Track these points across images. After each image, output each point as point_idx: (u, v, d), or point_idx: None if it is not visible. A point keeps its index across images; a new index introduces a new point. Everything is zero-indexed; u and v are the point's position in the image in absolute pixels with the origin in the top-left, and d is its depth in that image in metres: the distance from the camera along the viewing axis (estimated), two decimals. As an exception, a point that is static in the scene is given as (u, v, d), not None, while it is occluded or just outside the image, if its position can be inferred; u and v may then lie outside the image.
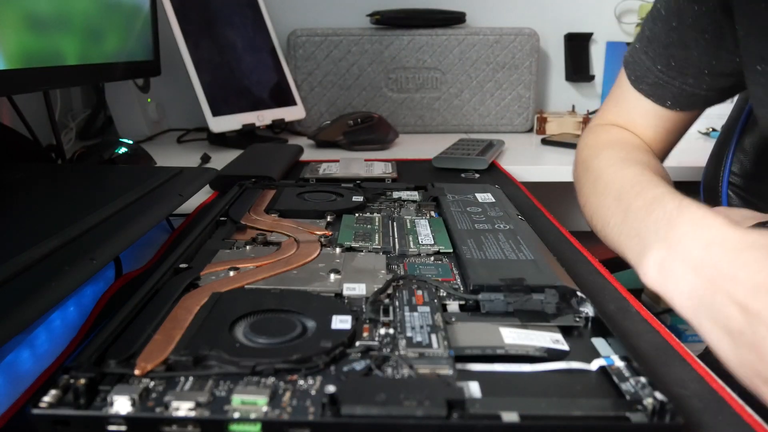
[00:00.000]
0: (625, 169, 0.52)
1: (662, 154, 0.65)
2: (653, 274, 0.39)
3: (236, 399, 0.27)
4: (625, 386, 0.29)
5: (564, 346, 0.33)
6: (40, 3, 0.65)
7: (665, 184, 0.47)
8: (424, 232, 0.50)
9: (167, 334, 0.32)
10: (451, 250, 0.46)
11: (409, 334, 0.33)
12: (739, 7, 0.49)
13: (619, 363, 0.31)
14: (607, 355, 0.32)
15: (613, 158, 0.55)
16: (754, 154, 0.72)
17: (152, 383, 0.28)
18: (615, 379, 0.30)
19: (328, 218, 0.53)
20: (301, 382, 0.29)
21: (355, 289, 0.38)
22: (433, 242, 0.48)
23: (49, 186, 0.59)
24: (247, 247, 0.47)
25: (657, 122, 0.61)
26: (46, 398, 0.26)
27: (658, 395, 0.27)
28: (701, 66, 0.56)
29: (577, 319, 0.36)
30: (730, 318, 0.33)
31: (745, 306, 0.32)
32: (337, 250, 0.46)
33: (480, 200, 0.59)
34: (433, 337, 0.33)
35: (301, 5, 1.32)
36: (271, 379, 0.29)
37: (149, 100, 1.21)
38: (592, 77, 1.38)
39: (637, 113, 0.62)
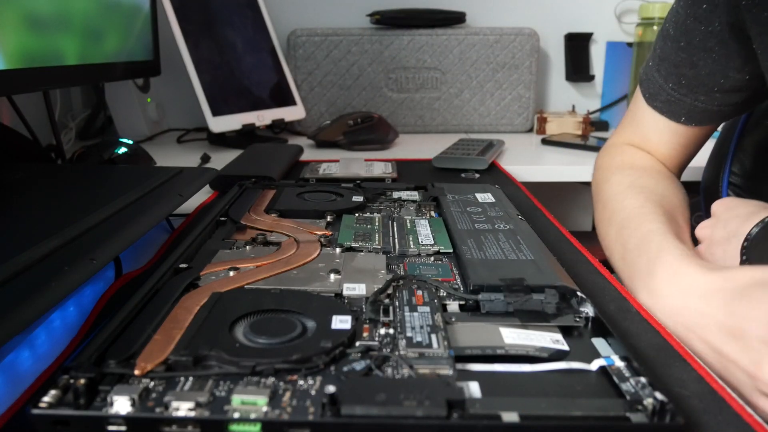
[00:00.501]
0: (628, 199, 0.55)
1: (678, 170, 0.66)
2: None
3: (236, 399, 0.27)
4: (625, 386, 0.29)
5: (564, 346, 0.33)
6: (40, 3, 0.65)
7: (659, 217, 0.50)
8: (424, 232, 0.50)
9: (167, 334, 0.32)
10: (451, 250, 0.46)
11: (409, 334, 0.33)
12: (756, 24, 0.49)
13: (619, 363, 0.31)
14: (607, 355, 0.32)
15: (621, 185, 0.58)
16: (754, 154, 0.72)
17: (152, 383, 0.28)
18: (615, 379, 0.30)
19: (328, 218, 0.53)
20: (301, 382, 0.29)
21: (355, 289, 0.38)
22: (433, 242, 0.48)
23: (49, 186, 0.59)
24: (247, 247, 0.47)
25: (672, 138, 0.62)
26: (46, 398, 0.26)
27: (658, 395, 0.27)
28: (710, 84, 0.56)
29: (577, 319, 0.36)
30: (708, 361, 0.38)
31: (719, 350, 0.37)
32: (337, 250, 0.46)
33: (480, 200, 0.59)
34: (433, 337, 0.33)
35: (301, 5, 1.32)
36: (271, 379, 0.29)
37: (149, 100, 1.21)
38: (592, 77, 1.38)
39: (652, 130, 0.63)
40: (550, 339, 0.34)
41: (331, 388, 0.26)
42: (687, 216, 0.56)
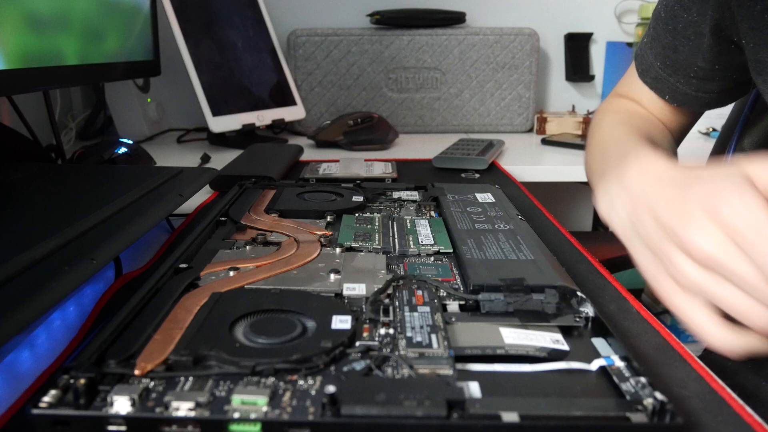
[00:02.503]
0: (617, 129, 0.59)
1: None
2: (603, 203, 0.44)
3: (236, 399, 0.27)
4: (625, 386, 0.29)
5: (564, 346, 0.33)
6: (40, 3, 0.65)
7: (643, 140, 0.53)
8: (424, 232, 0.50)
9: (167, 334, 0.32)
10: (451, 250, 0.46)
11: (409, 334, 0.33)
12: (748, 19, 0.50)
13: (619, 363, 0.31)
14: (607, 355, 0.32)
15: (613, 121, 0.62)
16: (754, 154, 0.72)
17: (152, 383, 0.28)
18: (615, 379, 0.30)
19: (328, 218, 0.53)
20: (301, 382, 0.29)
21: (355, 289, 0.38)
22: (433, 242, 0.48)
23: (49, 186, 0.59)
24: (247, 247, 0.47)
25: (661, 112, 0.66)
26: (46, 398, 0.26)
27: (658, 395, 0.27)
28: (686, 69, 0.59)
29: (577, 319, 0.36)
30: (648, 229, 0.37)
31: (659, 218, 0.36)
32: (337, 250, 0.46)
33: (480, 200, 0.59)
34: (433, 337, 0.33)
35: (301, 5, 1.32)
36: (271, 379, 0.29)
37: (149, 100, 1.21)
38: (592, 77, 1.38)
39: (645, 99, 0.66)
40: (550, 339, 0.34)
41: (331, 388, 0.26)
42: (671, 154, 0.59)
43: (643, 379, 0.29)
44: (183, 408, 0.26)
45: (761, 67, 0.51)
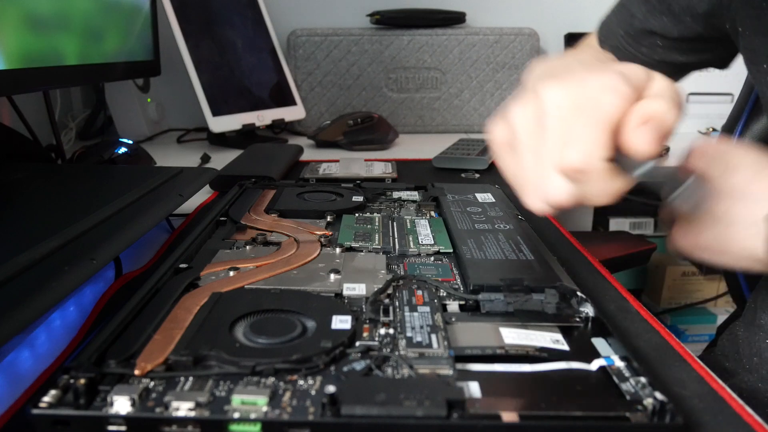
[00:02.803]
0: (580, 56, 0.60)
1: None
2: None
3: (236, 399, 0.27)
4: (625, 386, 0.29)
5: (564, 346, 0.33)
6: (40, 3, 0.65)
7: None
8: (424, 232, 0.50)
9: (167, 334, 0.32)
10: (451, 250, 0.46)
11: (409, 334, 0.33)
12: (742, 8, 0.50)
13: (619, 363, 0.31)
14: (607, 355, 0.32)
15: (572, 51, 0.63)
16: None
17: (152, 383, 0.28)
18: (615, 379, 0.30)
19: (328, 218, 0.53)
20: (301, 382, 0.29)
21: (355, 289, 0.38)
22: (433, 242, 0.48)
23: (49, 186, 0.59)
24: (247, 247, 0.47)
25: None
26: (46, 398, 0.26)
27: (658, 395, 0.27)
28: (653, 38, 0.60)
29: (577, 319, 0.36)
30: (524, 99, 0.36)
31: (533, 87, 0.36)
32: (337, 250, 0.46)
33: (480, 200, 0.59)
34: (433, 337, 0.33)
35: (301, 5, 1.32)
36: (271, 379, 0.29)
37: (149, 100, 1.21)
38: (592, 77, 1.38)
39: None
40: (550, 339, 0.34)
41: (331, 388, 0.26)
42: None
43: (643, 379, 0.29)
44: (183, 408, 0.26)
45: (755, 56, 0.50)
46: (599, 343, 0.34)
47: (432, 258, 0.46)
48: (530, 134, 0.34)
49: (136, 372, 0.28)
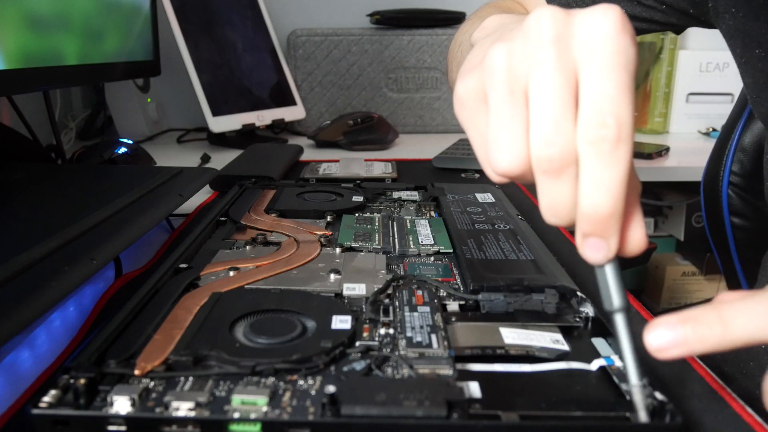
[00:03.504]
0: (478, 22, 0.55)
1: None
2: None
3: (236, 399, 0.27)
4: (625, 386, 0.29)
5: (564, 346, 0.33)
6: (40, 3, 0.65)
7: None
8: (424, 232, 0.50)
9: (167, 334, 0.32)
10: (451, 250, 0.46)
11: (409, 334, 0.33)
12: None
13: (619, 363, 0.31)
14: (607, 355, 0.32)
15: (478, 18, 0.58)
16: (754, 154, 0.72)
17: (152, 383, 0.28)
18: (615, 379, 0.30)
19: (328, 218, 0.53)
20: (301, 382, 0.29)
21: (355, 289, 0.38)
22: (433, 242, 0.48)
23: (49, 186, 0.59)
24: (247, 247, 0.47)
25: None
26: (46, 398, 0.26)
27: (658, 395, 0.27)
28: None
29: (577, 319, 0.36)
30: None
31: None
32: (337, 250, 0.46)
33: (480, 200, 0.59)
34: (433, 337, 0.33)
35: (301, 5, 1.32)
36: (271, 379, 0.29)
37: (149, 100, 1.21)
38: (592, 77, 1.38)
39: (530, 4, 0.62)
40: (550, 339, 0.34)
41: (331, 388, 0.26)
42: None
43: (643, 379, 0.29)
44: (183, 408, 0.26)
45: (749, 39, 0.49)
46: (599, 343, 0.34)
47: (432, 258, 0.46)
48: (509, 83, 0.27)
49: (136, 372, 0.28)
